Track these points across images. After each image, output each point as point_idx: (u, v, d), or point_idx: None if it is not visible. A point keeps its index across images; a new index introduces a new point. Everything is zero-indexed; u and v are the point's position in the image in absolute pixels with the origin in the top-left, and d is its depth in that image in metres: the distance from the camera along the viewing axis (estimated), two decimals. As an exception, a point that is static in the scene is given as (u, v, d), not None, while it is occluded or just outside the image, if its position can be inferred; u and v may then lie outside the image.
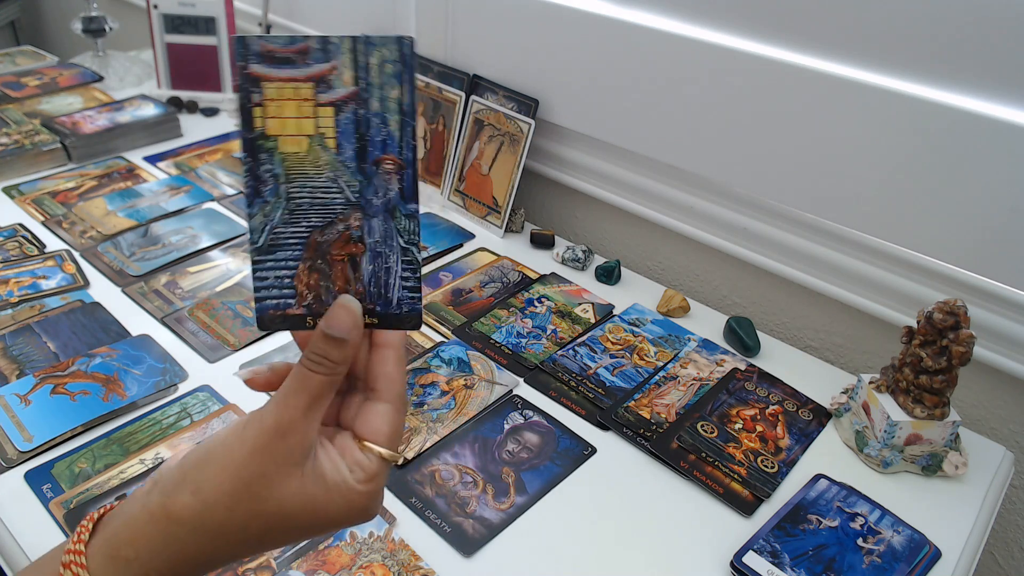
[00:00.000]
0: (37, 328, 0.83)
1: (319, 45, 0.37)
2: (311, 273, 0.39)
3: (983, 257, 0.75)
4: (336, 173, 0.38)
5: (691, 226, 0.96)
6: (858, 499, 0.68)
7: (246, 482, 0.36)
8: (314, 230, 0.39)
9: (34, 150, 1.16)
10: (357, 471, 0.38)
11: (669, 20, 0.88)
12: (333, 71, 0.37)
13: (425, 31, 1.14)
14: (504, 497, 0.67)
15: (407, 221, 0.39)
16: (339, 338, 0.37)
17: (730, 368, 0.83)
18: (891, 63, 0.74)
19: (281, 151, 0.38)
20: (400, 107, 0.38)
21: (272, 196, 0.38)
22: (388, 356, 0.40)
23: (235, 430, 0.37)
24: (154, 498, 0.37)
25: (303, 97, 0.37)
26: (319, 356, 0.37)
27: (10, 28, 2.24)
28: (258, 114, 0.37)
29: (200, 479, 0.36)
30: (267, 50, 0.37)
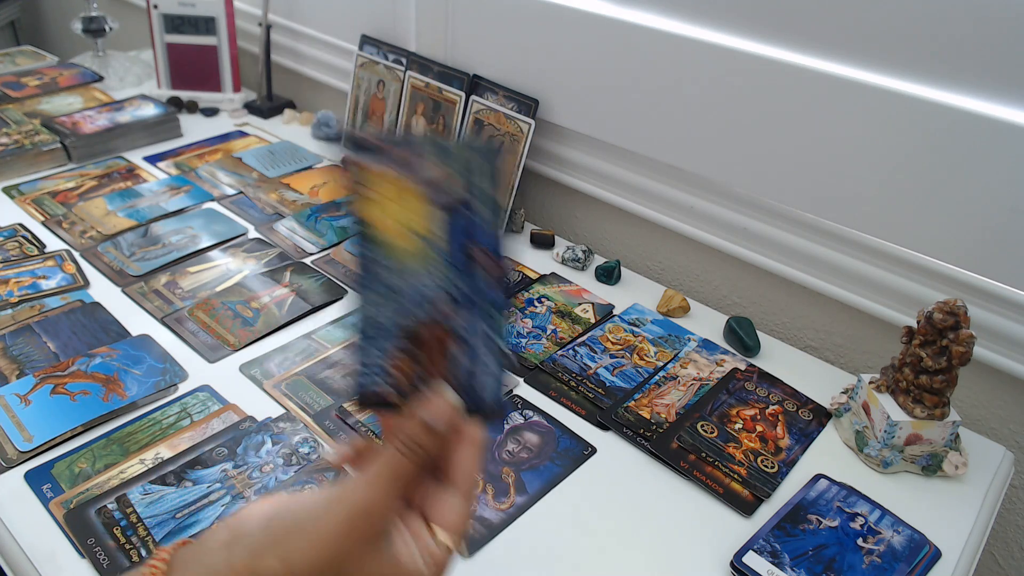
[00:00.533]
0: (37, 328, 0.83)
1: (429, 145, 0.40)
2: (406, 359, 0.41)
3: (983, 257, 0.75)
4: (438, 268, 0.41)
5: (691, 226, 0.96)
6: (858, 499, 0.68)
7: (332, 558, 0.37)
8: (413, 319, 0.41)
9: (34, 150, 1.16)
10: (428, 559, 0.39)
11: (669, 20, 0.88)
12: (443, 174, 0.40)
13: (425, 31, 1.14)
14: (504, 497, 0.67)
15: (497, 315, 0.41)
16: (434, 427, 0.40)
17: (730, 368, 0.83)
18: (891, 63, 0.74)
19: (389, 244, 0.40)
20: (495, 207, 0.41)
21: (377, 285, 0.41)
22: (470, 452, 0.42)
23: (325, 503, 0.38)
24: (239, 554, 0.38)
25: (414, 195, 0.40)
26: (412, 442, 0.39)
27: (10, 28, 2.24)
28: (370, 207, 0.40)
29: (289, 548, 0.37)
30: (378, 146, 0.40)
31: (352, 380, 0.41)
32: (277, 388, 0.77)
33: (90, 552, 0.60)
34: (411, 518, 0.41)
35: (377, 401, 0.41)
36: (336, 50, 1.32)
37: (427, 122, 1.14)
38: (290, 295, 0.91)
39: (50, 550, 0.60)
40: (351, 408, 0.75)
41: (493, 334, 0.41)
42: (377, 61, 1.20)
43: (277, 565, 0.37)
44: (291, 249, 1.00)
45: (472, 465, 0.42)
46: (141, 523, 0.62)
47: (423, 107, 1.14)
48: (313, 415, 0.74)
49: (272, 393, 0.77)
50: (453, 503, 0.41)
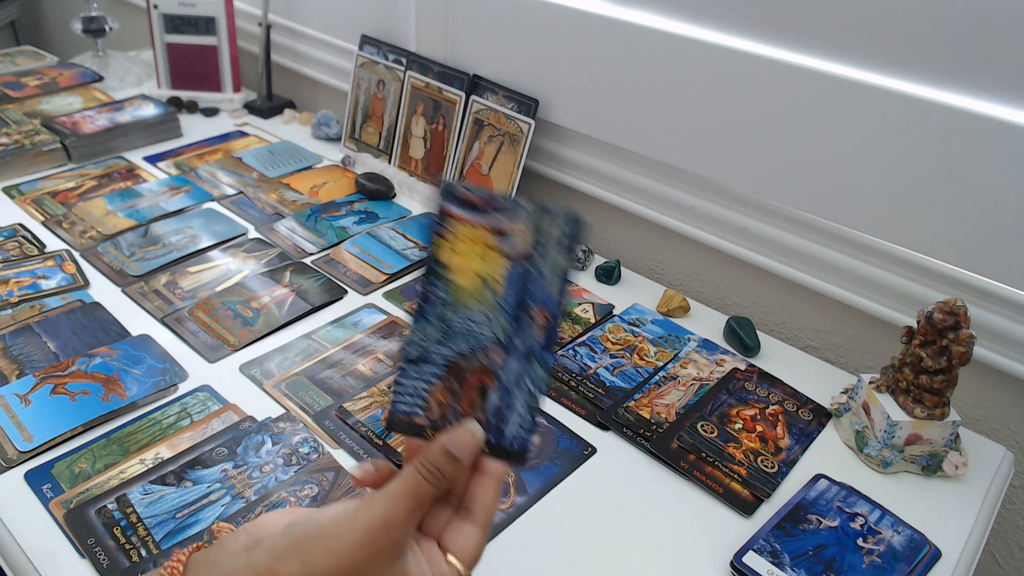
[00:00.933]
0: (37, 328, 0.83)
1: (508, 204, 0.43)
2: (445, 391, 0.43)
3: (983, 257, 0.75)
4: (494, 313, 0.43)
5: (691, 226, 0.96)
6: (858, 499, 0.68)
7: (351, 568, 0.38)
8: (459, 355, 0.43)
9: (34, 150, 1.16)
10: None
11: (669, 20, 0.88)
12: (515, 228, 0.43)
13: (425, 31, 1.14)
14: (504, 497, 0.67)
15: (541, 369, 0.43)
16: (457, 457, 0.41)
17: (730, 368, 0.83)
18: (891, 63, 0.74)
19: (453, 281, 0.43)
20: (562, 271, 0.43)
21: (435, 318, 0.43)
22: (489, 486, 0.43)
23: (346, 515, 0.40)
24: (260, 558, 0.39)
25: (485, 242, 0.43)
26: (434, 468, 0.41)
27: (10, 28, 2.24)
28: (442, 245, 0.43)
29: (310, 554, 0.39)
30: (465, 196, 0.43)
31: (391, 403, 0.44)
32: (277, 388, 0.77)
33: (90, 552, 0.60)
34: (426, 542, 0.42)
35: (407, 426, 0.43)
36: (336, 50, 1.32)
37: (427, 122, 1.14)
38: (290, 295, 0.91)
39: (50, 550, 0.60)
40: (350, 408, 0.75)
41: (531, 386, 0.43)
42: (377, 61, 1.20)
43: (298, 570, 0.38)
44: (291, 249, 1.00)
45: (490, 499, 0.43)
46: (141, 523, 0.62)
47: (423, 107, 1.14)
48: (313, 415, 0.74)
49: (272, 393, 0.77)
50: (469, 532, 0.43)
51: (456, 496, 0.44)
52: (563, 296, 0.43)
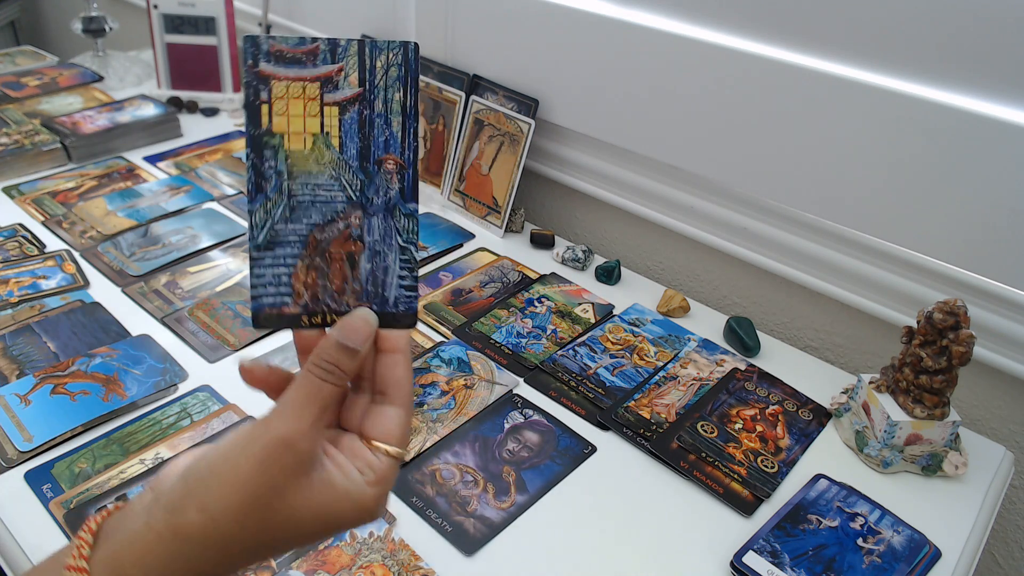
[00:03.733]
0: (37, 328, 0.83)
1: (327, 47, 0.38)
2: (309, 271, 0.39)
3: (983, 257, 0.75)
4: (338, 171, 0.39)
5: (691, 226, 0.96)
6: (858, 499, 0.68)
7: (255, 496, 0.35)
8: (314, 228, 0.39)
9: (34, 150, 1.16)
10: (368, 472, 0.38)
11: (669, 20, 0.88)
12: (340, 72, 0.38)
13: (425, 31, 1.14)
14: (505, 496, 0.67)
15: (406, 220, 0.40)
16: (353, 348, 0.38)
17: (730, 368, 0.83)
18: (891, 63, 0.74)
19: (285, 148, 0.38)
20: (403, 109, 0.39)
21: (274, 193, 0.38)
22: (398, 360, 0.40)
23: (238, 442, 0.36)
24: (158, 515, 0.36)
25: (309, 96, 0.38)
26: (331, 365, 0.37)
27: (10, 28, 2.24)
28: (265, 112, 0.38)
29: (206, 495, 0.35)
30: (276, 50, 0.38)
31: (251, 299, 0.39)
32: (277, 388, 0.77)
33: (90, 552, 0.60)
34: (346, 438, 0.39)
35: (278, 318, 0.39)
36: (336, 50, 1.32)
37: (427, 122, 1.14)
38: (290, 295, 0.91)
39: (50, 550, 0.60)
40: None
41: (401, 240, 0.40)
42: (377, 61, 1.20)
43: (196, 516, 0.35)
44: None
45: (401, 371, 0.40)
46: (141, 523, 0.62)
47: (423, 107, 1.14)
48: (313, 415, 0.74)
49: (272, 393, 0.77)
50: (388, 413, 0.39)
51: (367, 383, 0.41)
52: (412, 136, 0.39)
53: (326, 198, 0.39)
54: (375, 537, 0.63)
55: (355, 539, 0.62)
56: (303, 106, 0.38)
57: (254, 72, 0.38)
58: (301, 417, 0.36)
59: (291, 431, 0.36)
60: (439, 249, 1.02)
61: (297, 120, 0.38)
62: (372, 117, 0.39)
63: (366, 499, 0.37)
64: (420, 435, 0.72)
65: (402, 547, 0.62)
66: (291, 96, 0.38)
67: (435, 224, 1.08)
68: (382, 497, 0.38)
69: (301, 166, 0.38)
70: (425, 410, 0.75)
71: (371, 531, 0.63)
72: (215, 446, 0.37)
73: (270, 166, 0.38)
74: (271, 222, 0.39)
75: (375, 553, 0.61)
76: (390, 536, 0.63)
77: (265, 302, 0.39)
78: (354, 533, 0.62)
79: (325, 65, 0.38)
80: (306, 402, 0.36)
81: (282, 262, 0.39)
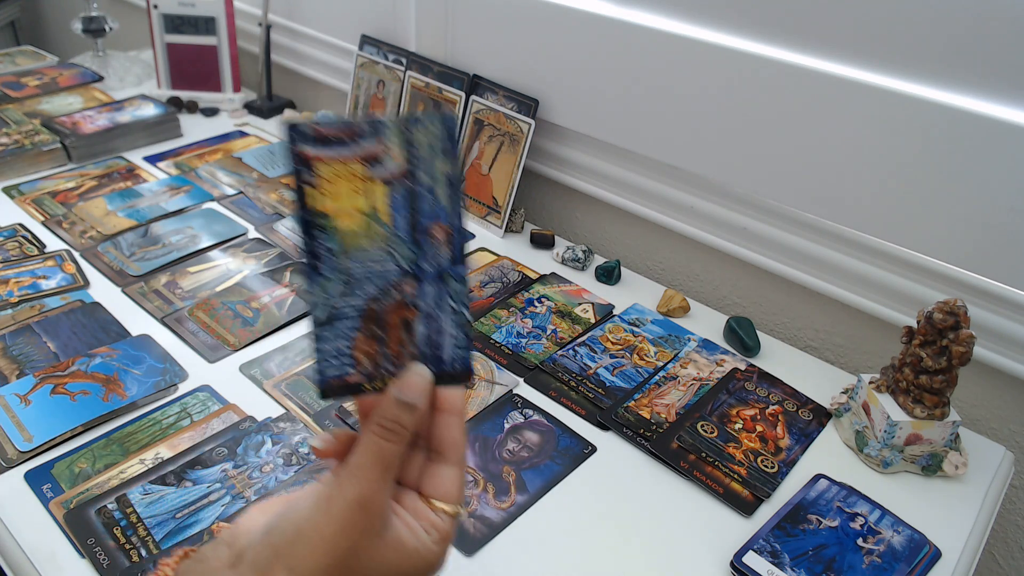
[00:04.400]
0: (37, 328, 0.83)
1: (368, 125, 0.39)
2: (368, 340, 0.41)
3: (983, 257, 0.75)
4: (390, 245, 0.40)
5: (691, 226, 0.96)
6: (858, 499, 0.68)
7: (339, 558, 0.37)
8: (370, 300, 0.40)
9: (34, 150, 1.16)
10: (433, 532, 0.40)
11: (669, 20, 0.88)
12: (383, 150, 0.39)
13: (425, 31, 1.14)
14: (505, 496, 0.67)
15: (457, 284, 0.41)
16: (411, 404, 0.39)
17: (730, 368, 0.83)
18: (891, 63, 0.74)
19: (336, 228, 0.39)
20: (447, 179, 0.40)
21: (329, 272, 0.40)
22: (454, 423, 0.42)
23: (319, 505, 0.38)
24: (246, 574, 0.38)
25: (356, 175, 0.39)
26: (392, 423, 0.39)
27: (10, 28, 2.23)
28: (312, 194, 0.39)
29: (294, 557, 0.37)
30: (318, 133, 0.39)
31: (314, 372, 0.41)
32: (277, 388, 0.77)
33: (90, 552, 0.60)
34: (407, 497, 0.41)
35: (342, 388, 0.41)
36: (336, 50, 1.32)
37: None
38: (290, 295, 0.91)
39: (50, 550, 0.60)
40: (347, 407, 0.75)
41: (453, 303, 0.41)
42: (377, 61, 1.20)
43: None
44: (291, 249, 1.00)
45: (458, 435, 0.42)
46: (141, 523, 0.62)
47: (423, 107, 1.14)
48: (313, 415, 0.74)
49: (272, 393, 0.77)
50: (445, 473, 0.41)
51: (424, 441, 0.42)
52: (457, 203, 0.40)
53: (379, 270, 0.40)
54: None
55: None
56: (350, 185, 0.39)
57: (297, 155, 0.39)
58: (371, 479, 0.38)
59: (363, 493, 0.38)
60: (439, 249, 1.02)
61: (346, 200, 0.39)
62: (418, 190, 0.40)
63: (432, 556, 0.40)
64: (420, 435, 0.72)
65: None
66: (338, 176, 0.39)
67: (435, 224, 1.08)
68: (445, 552, 0.41)
69: (353, 243, 0.40)
70: (425, 410, 0.75)
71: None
72: (295, 505, 0.39)
73: (322, 245, 0.39)
74: (329, 299, 0.40)
75: None
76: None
77: (329, 374, 0.40)
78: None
79: (367, 142, 0.39)
80: (373, 463, 0.38)
81: (342, 334, 0.40)
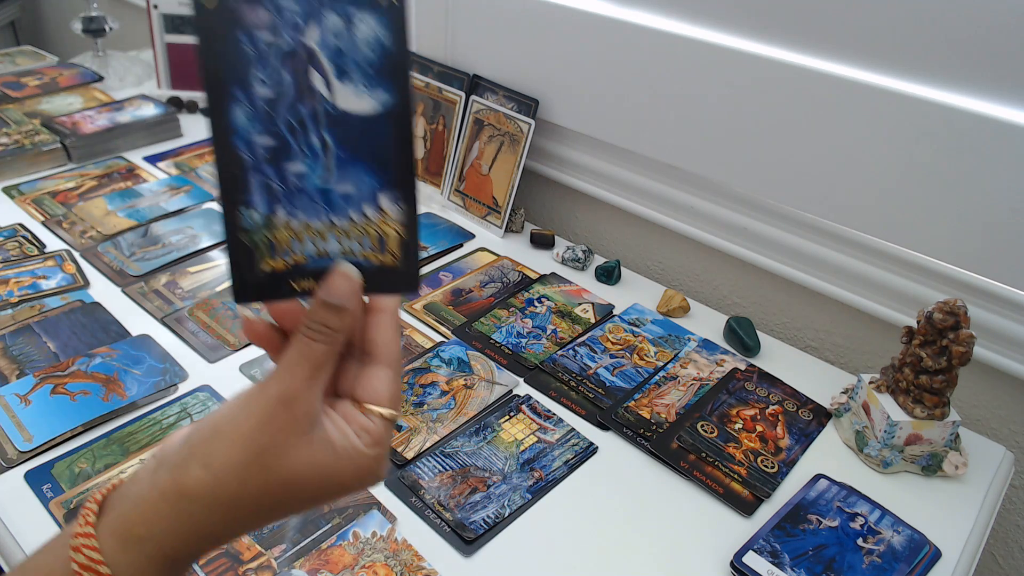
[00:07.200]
0: (37, 328, 0.83)
1: None
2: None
3: (983, 257, 0.75)
4: None
5: (691, 226, 0.96)
6: (858, 499, 0.68)
7: (256, 453, 0.36)
8: None
9: (34, 150, 1.16)
10: (364, 435, 0.38)
11: (669, 20, 0.88)
12: None
13: (425, 31, 1.14)
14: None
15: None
16: (339, 306, 0.37)
17: (730, 368, 0.83)
18: (890, 63, 0.74)
19: None
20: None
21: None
22: (384, 320, 0.40)
23: (239, 403, 0.37)
24: (163, 476, 0.37)
25: None
26: (319, 324, 0.37)
27: (10, 28, 2.23)
28: None
29: (209, 453, 0.36)
30: None
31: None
32: (277, 388, 0.77)
33: (90, 552, 0.60)
34: (341, 403, 0.39)
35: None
36: (336, 50, 1.32)
37: (427, 122, 1.14)
38: (290, 295, 0.91)
39: (50, 550, 0.60)
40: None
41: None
42: (377, 61, 1.20)
43: (200, 473, 0.36)
44: (291, 249, 1.00)
45: (391, 336, 0.40)
46: (141, 523, 0.62)
47: (423, 107, 1.14)
48: (313, 415, 0.74)
49: (272, 393, 0.77)
50: (378, 375, 0.39)
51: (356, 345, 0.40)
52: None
53: None
54: (378, 537, 0.63)
55: (358, 539, 0.62)
56: None
57: None
58: (295, 375, 0.36)
59: (287, 390, 0.36)
60: (439, 249, 1.02)
61: None
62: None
63: (366, 460, 0.38)
64: (420, 435, 0.72)
65: (405, 547, 0.62)
66: None
67: (435, 224, 1.08)
68: (381, 458, 0.39)
69: None
70: (425, 410, 0.75)
71: (374, 531, 0.63)
72: (216, 409, 0.38)
73: None
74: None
75: (378, 553, 0.61)
76: (393, 536, 0.63)
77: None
78: (357, 533, 0.62)
79: None
80: (299, 362, 0.37)
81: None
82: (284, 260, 0.38)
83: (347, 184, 0.37)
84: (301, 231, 0.38)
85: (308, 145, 0.37)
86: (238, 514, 0.37)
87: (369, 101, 0.37)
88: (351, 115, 0.37)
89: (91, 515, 0.37)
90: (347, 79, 0.36)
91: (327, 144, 0.37)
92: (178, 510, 0.36)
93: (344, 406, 0.39)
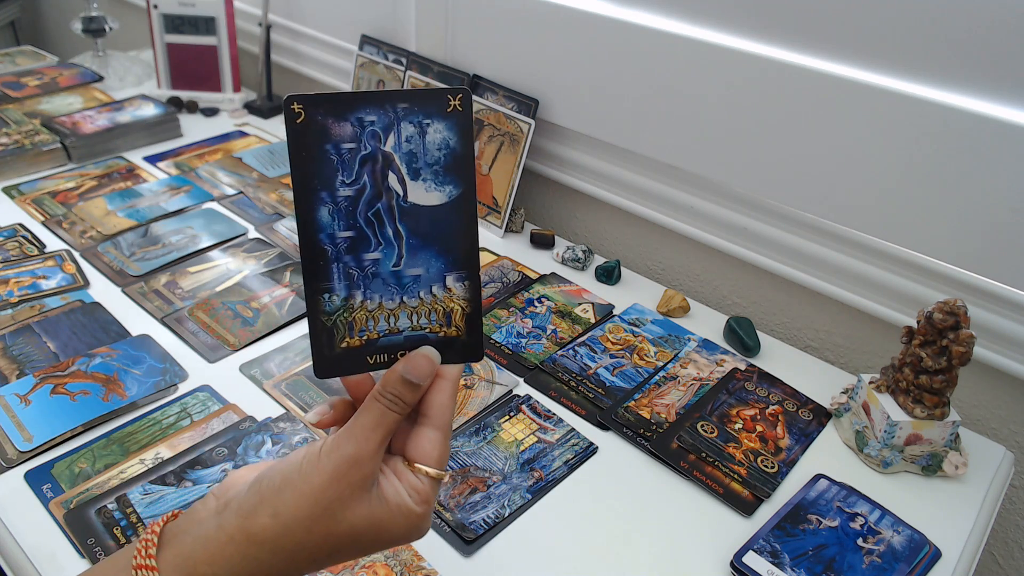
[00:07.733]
0: (37, 328, 0.83)
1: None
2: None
3: (983, 257, 0.75)
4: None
5: (691, 226, 0.96)
6: (858, 499, 0.68)
7: (324, 507, 0.39)
8: None
9: (34, 150, 1.16)
10: (414, 494, 0.41)
11: (669, 20, 0.88)
12: None
13: (425, 31, 1.14)
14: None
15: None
16: (417, 384, 0.41)
17: (730, 368, 0.83)
18: (890, 63, 0.74)
19: None
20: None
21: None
22: (444, 386, 0.43)
23: (310, 459, 0.40)
24: (230, 519, 0.39)
25: None
26: (396, 396, 0.41)
27: (10, 28, 2.23)
28: None
29: (279, 503, 0.39)
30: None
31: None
32: (277, 388, 0.77)
33: (90, 552, 0.60)
34: (391, 460, 0.42)
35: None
36: (336, 50, 1.32)
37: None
38: (290, 295, 0.91)
39: (50, 550, 0.60)
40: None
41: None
42: (377, 61, 1.20)
43: (269, 522, 0.38)
44: (291, 249, 1.00)
45: (446, 396, 0.43)
46: (141, 523, 0.62)
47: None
48: (313, 415, 0.74)
49: (272, 393, 0.77)
50: (429, 436, 0.42)
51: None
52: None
53: None
54: (375, 537, 0.62)
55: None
56: None
57: None
58: (369, 440, 0.40)
59: (360, 452, 0.39)
60: (439, 249, 1.02)
61: None
62: None
63: (415, 517, 0.41)
64: (420, 435, 0.72)
65: (405, 547, 0.62)
66: None
67: (435, 224, 1.08)
68: (427, 515, 0.42)
69: None
70: (425, 410, 0.75)
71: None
72: (285, 460, 0.41)
73: None
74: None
75: (378, 553, 0.61)
76: (390, 536, 0.63)
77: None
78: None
79: None
80: (374, 428, 0.40)
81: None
82: (360, 338, 0.42)
83: (417, 267, 0.42)
84: (376, 311, 0.42)
85: (383, 236, 0.41)
86: (298, 560, 0.40)
87: (438, 195, 0.41)
88: (422, 207, 0.41)
89: (152, 547, 0.39)
90: (419, 177, 0.41)
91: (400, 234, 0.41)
92: (243, 554, 0.39)
93: (396, 463, 0.42)
